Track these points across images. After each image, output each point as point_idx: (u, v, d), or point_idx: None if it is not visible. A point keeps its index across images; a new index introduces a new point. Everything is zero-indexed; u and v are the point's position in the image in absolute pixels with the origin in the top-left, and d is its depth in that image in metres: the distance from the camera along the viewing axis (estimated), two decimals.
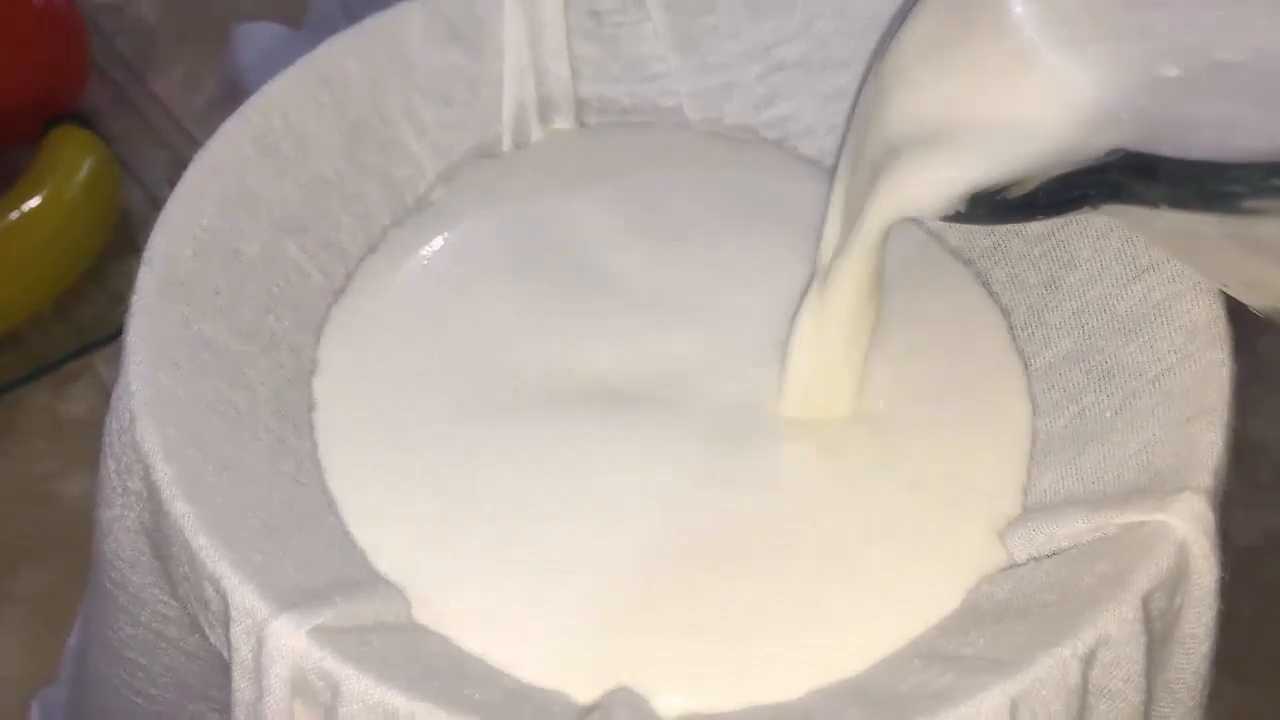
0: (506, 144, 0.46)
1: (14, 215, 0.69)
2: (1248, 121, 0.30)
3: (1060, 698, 0.28)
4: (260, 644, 0.30)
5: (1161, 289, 0.37)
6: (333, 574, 0.34)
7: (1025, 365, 0.39)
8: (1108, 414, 0.36)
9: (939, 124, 0.34)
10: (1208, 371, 0.35)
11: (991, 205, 0.33)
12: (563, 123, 0.47)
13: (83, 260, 0.71)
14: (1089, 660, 0.29)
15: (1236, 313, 0.43)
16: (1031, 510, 0.35)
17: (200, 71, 0.79)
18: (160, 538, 0.33)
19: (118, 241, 0.72)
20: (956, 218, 0.34)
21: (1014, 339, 0.40)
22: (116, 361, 0.68)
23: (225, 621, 0.31)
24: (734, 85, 0.47)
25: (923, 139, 0.34)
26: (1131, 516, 0.32)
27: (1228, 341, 0.35)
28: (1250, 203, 0.28)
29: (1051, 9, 0.32)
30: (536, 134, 0.47)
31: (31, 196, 0.70)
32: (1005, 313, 0.41)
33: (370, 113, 0.43)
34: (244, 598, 0.30)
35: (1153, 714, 0.31)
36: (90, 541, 0.47)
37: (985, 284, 0.42)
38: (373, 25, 0.43)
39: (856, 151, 0.37)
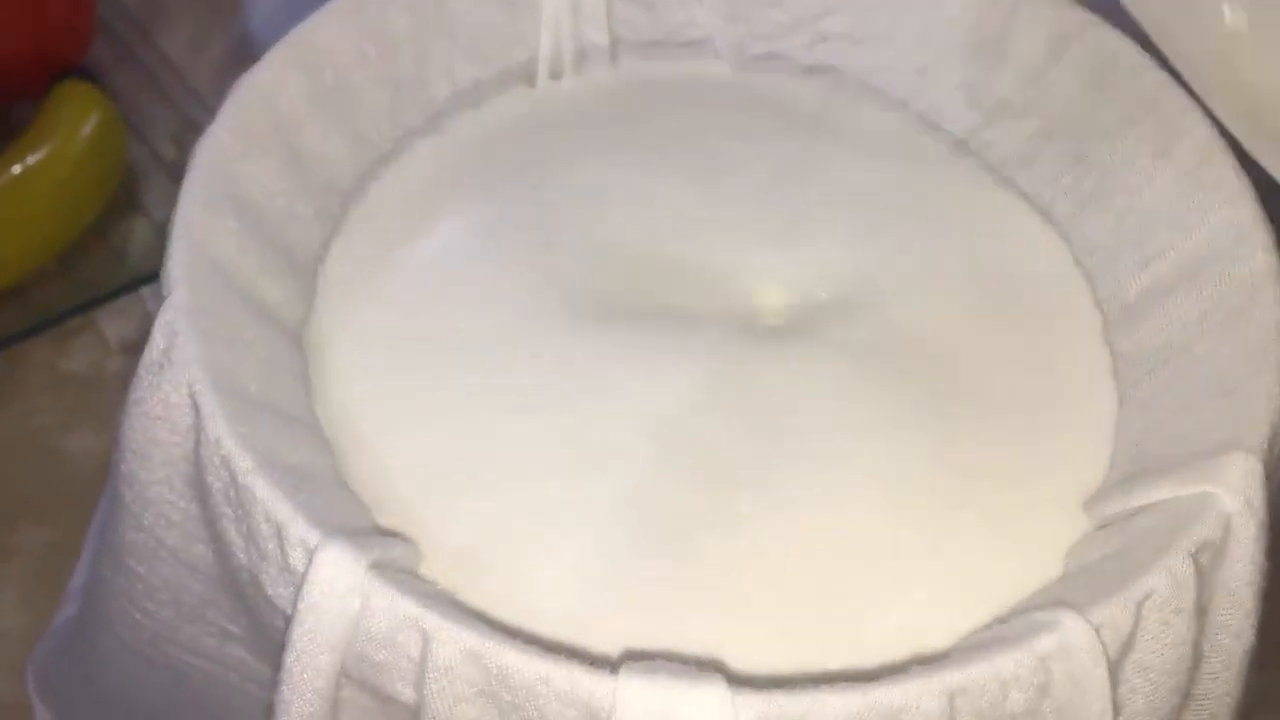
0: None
1: (17, 169, 0.68)
2: None
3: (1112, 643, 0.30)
4: (324, 570, 0.30)
5: (1216, 243, 0.38)
6: (354, 518, 0.34)
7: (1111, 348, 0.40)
8: (1166, 378, 0.37)
9: None
10: (1263, 326, 0.36)
11: None
12: (599, 71, 0.47)
13: (86, 216, 0.70)
14: (1139, 611, 0.30)
15: None
16: (1109, 481, 0.37)
17: (208, 29, 0.78)
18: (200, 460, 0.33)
19: (122, 198, 0.71)
20: None
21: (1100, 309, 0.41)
22: (119, 317, 0.68)
23: (280, 542, 0.31)
24: (779, 55, 0.47)
25: None
26: (1183, 488, 0.33)
27: None
28: None
29: None
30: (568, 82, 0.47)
31: (35, 151, 0.69)
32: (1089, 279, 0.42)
33: (412, 71, 0.43)
34: (298, 527, 0.31)
35: (1199, 672, 0.33)
36: (93, 497, 0.47)
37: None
38: None
39: None
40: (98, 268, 0.69)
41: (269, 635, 0.33)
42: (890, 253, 0.42)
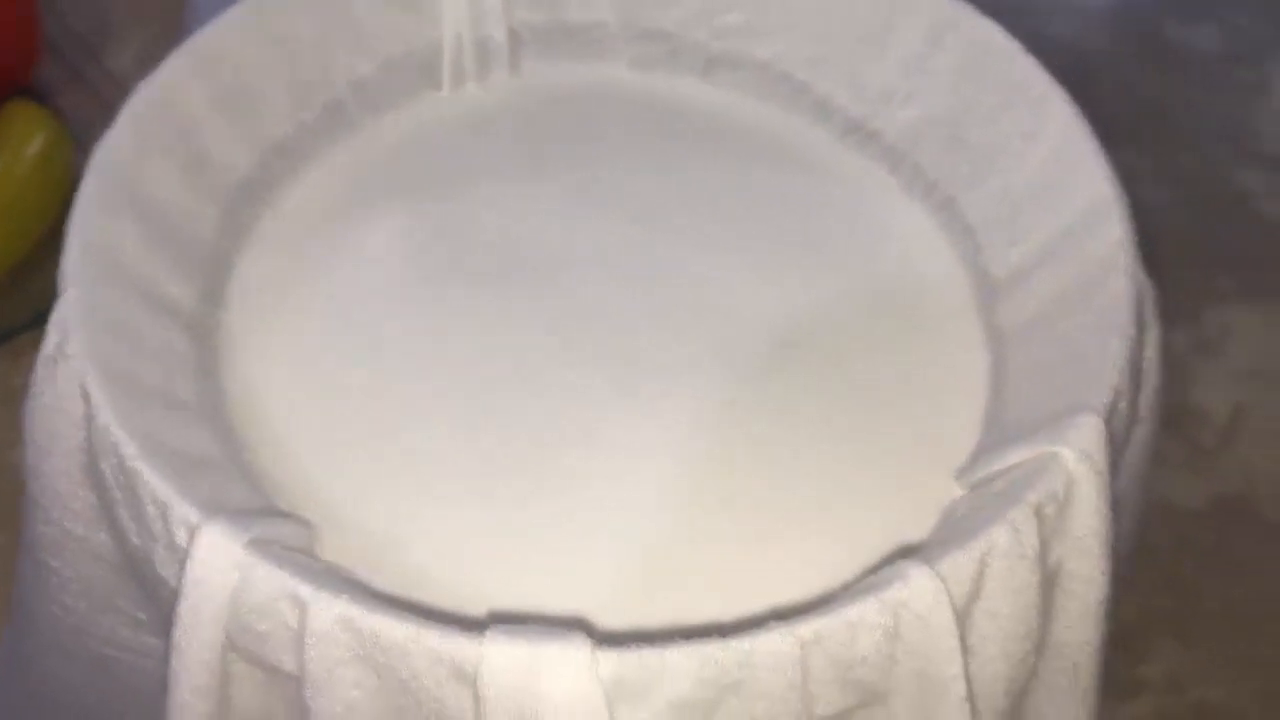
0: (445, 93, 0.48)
1: None
2: None
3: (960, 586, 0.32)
4: (205, 547, 0.31)
5: (1078, 220, 0.40)
6: (247, 501, 0.36)
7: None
8: (1031, 350, 0.39)
9: None
10: (1114, 295, 0.37)
11: None
12: (500, 75, 0.48)
13: (35, 233, 0.71)
14: (984, 560, 0.32)
15: (1181, 283, 0.44)
16: (977, 450, 0.38)
17: (154, 47, 0.77)
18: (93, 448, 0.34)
19: (70, 214, 0.72)
20: None
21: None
22: None
23: (165, 523, 0.32)
24: (679, 52, 0.48)
25: None
26: (1033, 450, 0.35)
27: (1133, 264, 0.38)
28: None
29: None
30: (473, 87, 0.48)
31: None
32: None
33: (315, 73, 0.44)
34: (181, 507, 0.32)
35: (1055, 622, 0.34)
36: None
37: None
38: None
39: None
40: (47, 284, 0.69)
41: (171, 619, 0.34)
42: (778, 252, 0.44)
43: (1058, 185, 0.40)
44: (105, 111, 0.74)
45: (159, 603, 0.35)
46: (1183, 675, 0.61)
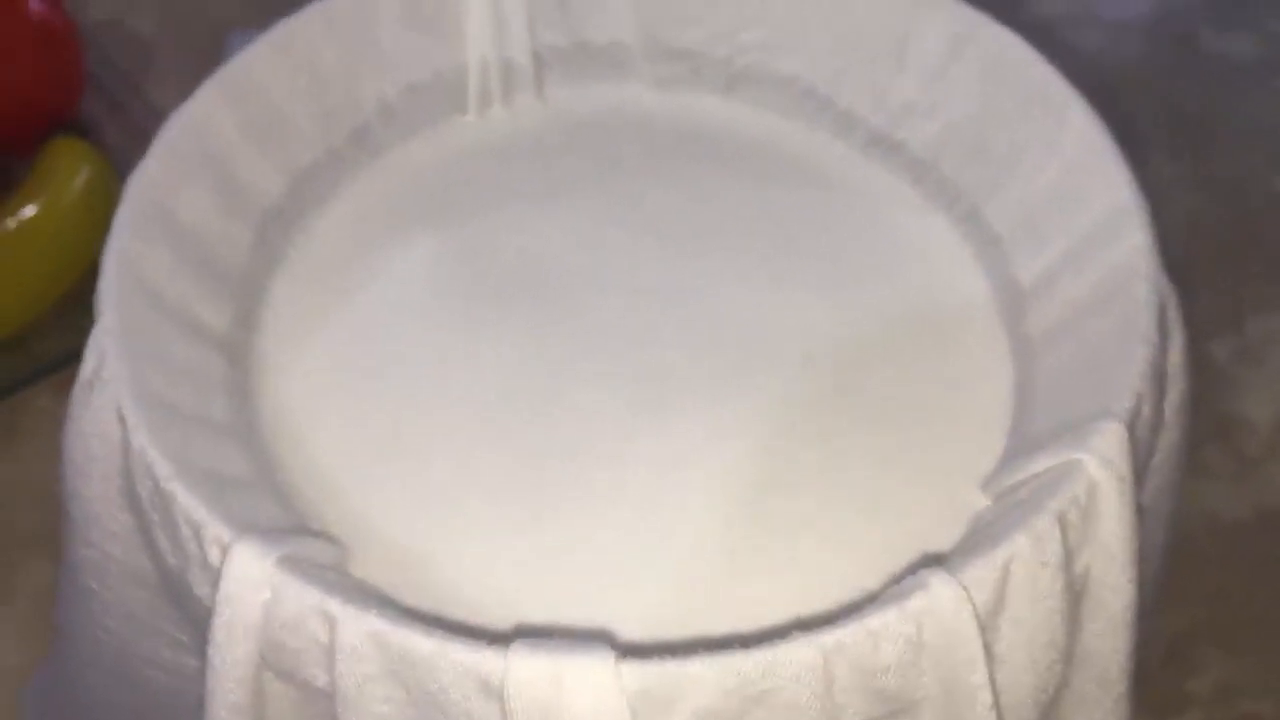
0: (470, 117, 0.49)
1: (11, 224, 0.71)
2: None
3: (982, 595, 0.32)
4: (236, 564, 0.32)
5: (1099, 227, 0.40)
6: (280, 521, 0.36)
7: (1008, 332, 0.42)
8: (1055, 358, 0.39)
9: None
10: (1136, 300, 0.37)
11: None
12: (525, 99, 0.49)
13: (80, 266, 0.72)
14: (1007, 568, 0.32)
15: (1223, 292, 0.43)
16: (1002, 459, 0.39)
17: (197, 83, 0.80)
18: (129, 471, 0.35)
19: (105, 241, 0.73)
20: None
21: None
22: None
23: (199, 542, 0.33)
24: (700, 71, 0.49)
25: None
26: (1056, 457, 0.35)
27: (1154, 270, 0.38)
28: None
29: None
30: (499, 111, 0.49)
31: (29, 206, 0.71)
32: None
33: (343, 99, 0.45)
34: (214, 526, 0.33)
35: (1084, 631, 0.34)
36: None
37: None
38: (346, 7, 0.45)
39: None
40: (91, 319, 0.71)
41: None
42: (802, 269, 0.44)
43: (1078, 192, 0.40)
44: (148, 145, 0.76)
45: (197, 623, 0.35)
46: (1231, 687, 0.61)
